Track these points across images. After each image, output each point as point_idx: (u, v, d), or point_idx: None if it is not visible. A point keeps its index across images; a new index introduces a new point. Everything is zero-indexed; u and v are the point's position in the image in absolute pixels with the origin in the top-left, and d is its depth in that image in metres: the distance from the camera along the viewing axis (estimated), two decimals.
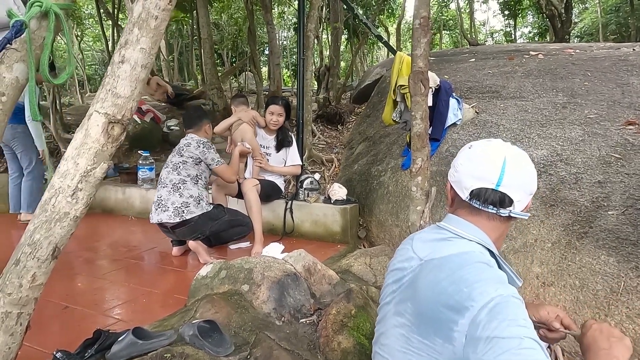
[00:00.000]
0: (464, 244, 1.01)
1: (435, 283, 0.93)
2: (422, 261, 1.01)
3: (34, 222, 1.08)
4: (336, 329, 1.82)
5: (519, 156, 1.06)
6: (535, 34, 16.36)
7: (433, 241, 1.06)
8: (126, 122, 1.13)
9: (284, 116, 3.41)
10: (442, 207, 2.93)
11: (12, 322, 1.08)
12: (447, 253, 0.99)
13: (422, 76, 2.07)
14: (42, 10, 1.16)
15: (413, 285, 1.00)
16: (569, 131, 2.96)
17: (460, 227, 1.05)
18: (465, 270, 0.92)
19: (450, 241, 1.03)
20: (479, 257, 0.97)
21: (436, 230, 1.09)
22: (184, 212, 2.77)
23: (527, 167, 1.07)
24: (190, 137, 2.96)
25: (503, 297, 0.85)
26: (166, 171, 2.90)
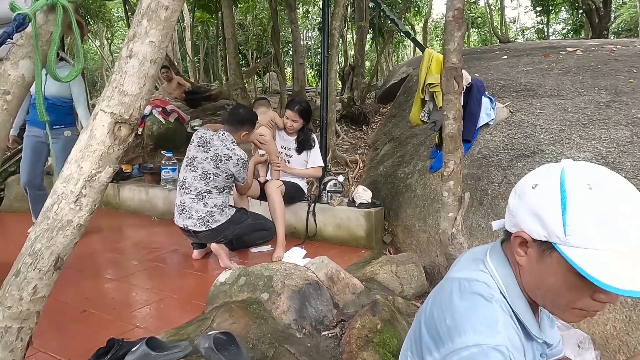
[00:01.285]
0: (476, 270, 0.85)
1: (434, 304, 0.85)
2: (447, 275, 0.92)
3: (35, 230, 1.01)
4: (361, 344, 1.70)
5: (551, 165, 0.79)
6: (569, 30, 15.73)
7: (470, 257, 0.93)
8: (134, 122, 1.04)
9: (298, 122, 3.27)
10: (474, 212, 2.76)
11: (12, 338, 1.01)
12: (458, 275, 0.86)
13: (455, 72, 1.92)
14: (49, 3, 1.09)
15: (429, 299, 0.93)
16: (614, 132, 2.73)
17: (491, 251, 0.88)
18: (457, 301, 0.80)
19: (473, 263, 0.88)
20: (479, 287, 0.80)
21: (484, 250, 0.92)
22: (209, 221, 2.69)
23: (531, 174, 0.80)
24: (228, 142, 2.74)
25: (481, 349, 0.71)
26: (192, 175, 2.72)
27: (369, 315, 1.82)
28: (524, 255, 0.79)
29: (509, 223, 0.82)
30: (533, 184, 0.77)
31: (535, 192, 0.76)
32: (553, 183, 0.74)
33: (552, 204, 0.73)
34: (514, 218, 0.80)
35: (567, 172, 0.75)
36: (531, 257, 0.78)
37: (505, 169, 2.85)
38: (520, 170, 2.78)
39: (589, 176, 0.73)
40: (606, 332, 1.94)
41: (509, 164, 2.86)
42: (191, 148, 2.80)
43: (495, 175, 2.85)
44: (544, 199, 0.74)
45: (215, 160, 2.70)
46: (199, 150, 2.75)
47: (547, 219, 0.73)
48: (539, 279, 0.78)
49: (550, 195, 0.73)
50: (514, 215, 0.79)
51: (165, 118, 5.93)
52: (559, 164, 0.78)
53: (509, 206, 0.82)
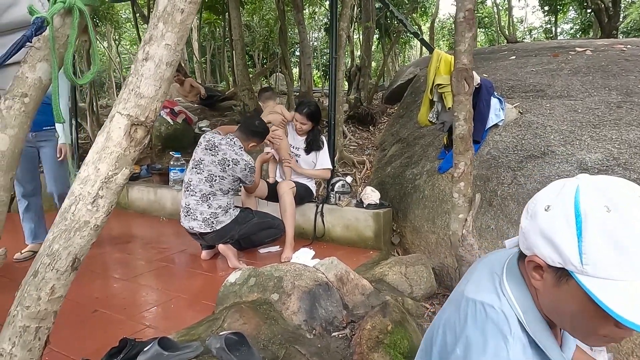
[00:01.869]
0: (493, 294, 0.79)
1: (446, 324, 0.83)
2: (464, 288, 0.85)
3: (53, 230, 1.02)
4: (371, 345, 1.70)
5: (566, 182, 0.73)
6: (577, 30, 15.60)
7: (488, 267, 0.87)
8: (150, 124, 1.05)
9: (307, 124, 3.28)
10: (483, 214, 2.75)
11: (31, 337, 1.02)
12: (474, 296, 0.80)
13: (466, 74, 1.92)
14: (65, 6, 1.10)
15: (446, 307, 0.89)
16: (625, 133, 2.71)
17: (508, 268, 0.82)
18: (470, 329, 0.76)
19: (490, 282, 0.82)
20: (497, 318, 0.75)
21: (506, 255, 0.87)
22: (213, 222, 2.71)
23: (544, 192, 0.74)
24: (236, 147, 2.78)
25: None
26: (198, 178, 2.74)
27: (379, 317, 1.82)
28: (539, 279, 0.74)
29: (523, 245, 0.76)
30: (545, 205, 0.71)
31: (548, 214, 0.70)
32: (567, 205, 0.68)
33: (566, 229, 0.66)
34: (526, 241, 0.74)
35: (583, 192, 0.68)
36: (547, 281, 0.72)
37: (514, 170, 2.84)
38: (530, 171, 2.76)
39: (607, 197, 0.66)
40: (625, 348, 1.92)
41: (519, 165, 2.84)
42: (198, 151, 2.82)
43: (504, 177, 2.84)
44: (558, 224, 0.68)
45: (222, 164, 2.72)
46: (206, 154, 2.76)
47: (562, 246, 0.67)
48: (557, 304, 0.73)
49: (564, 219, 0.67)
50: (527, 238, 0.74)
51: (173, 119, 5.97)
52: (574, 181, 0.71)
53: (521, 227, 0.76)
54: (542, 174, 2.70)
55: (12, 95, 1.12)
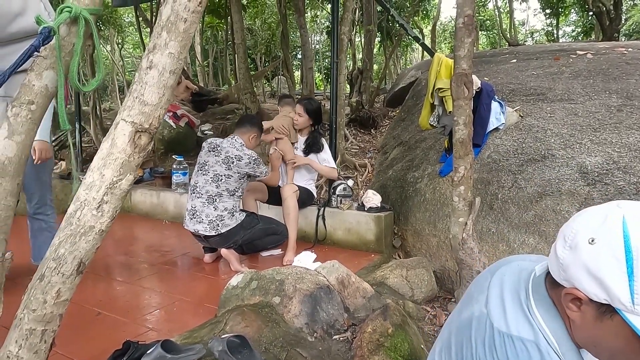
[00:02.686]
0: (527, 328, 0.74)
1: (470, 354, 0.78)
2: (485, 315, 0.79)
3: (59, 235, 1.04)
4: (372, 348, 1.71)
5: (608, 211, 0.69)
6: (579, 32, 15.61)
7: (508, 291, 0.80)
8: (153, 130, 1.07)
9: (303, 117, 3.27)
10: (484, 217, 2.76)
11: (37, 340, 1.04)
12: (503, 329, 0.75)
13: (465, 79, 1.94)
14: (71, 16, 1.13)
15: (458, 333, 0.84)
16: (626, 136, 2.72)
17: (535, 296, 0.76)
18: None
19: (518, 311, 0.76)
20: (538, 356, 0.71)
21: (523, 276, 0.81)
22: (219, 225, 2.71)
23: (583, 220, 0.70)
24: (237, 143, 2.80)
25: None
26: (204, 179, 2.76)
27: (380, 320, 1.84)
28: (577, 310, 0.69)
29: (559, 275, 0.71)
30: (589, 238, 0.66)
31: (594, 249, 0.65)
32: (616, 239, 0.64)
33: (615, 266, 0.63)
34: (565, 273, 0.69)
35: (632, 225, 0.64)
36: (586, 315, 0.68)
37: (515, 173, 2.85)
38: (530, 174, 2.77)
39: None
40: None
41: (519, 169, 2.85)
42: (202, 154, 2.86)
43: (505, 180, 2.85)
44: (605, 260, 0.64)
45: (226, 162, 2.74)
46: (210, 155, 2.80)
47: (610, 284, 0.63)
48: (596, 339, 0.69)
49: (612, 256, 0.63)
50: (566, 270, 0.69)
51: (176, 122, 6.00)
52: (618, 210, 0.67)
53: (558, 256, 0.71)
54: (542, 177, 2.71)
55: (19, 102, 1.15)
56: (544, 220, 2.50)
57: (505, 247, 2.61)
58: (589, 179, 2.54)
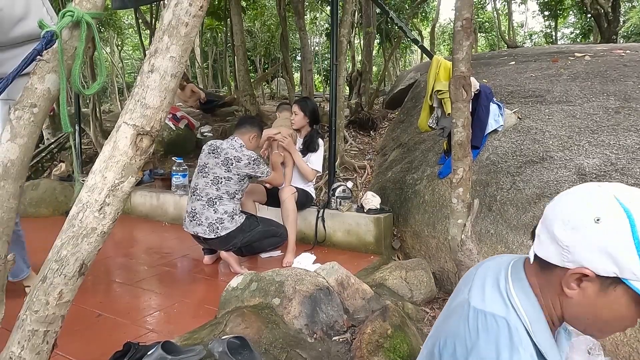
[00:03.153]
0: (502, 305, 0.80)
1: (453, 334, 0.82)
2: (467, 299, 0.86)
3: (62, 237, 1.05)
4: (371, 349, 1.72)
5: (579, 190, 0.77)
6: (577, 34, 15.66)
7: (490, 276, 0.88)
8: (155, 133, 1.08)
9: (298, 115, 3.30)
10: (482, 219, 2.77)
11: (39, 341, 1.05)
12: (484, 307, 0.81)
13: (464, 81, 1.95)
14: (73, 20, 1.14)
15: (447, 319, 0.89)
16: (623, 138, 2.74)
17: (513, 278, 0.83)
18: (485, 341, 0.77)
19: (496, 293, 0.83)
20: (507, 334, 0.76)
21: (504, 264, 0.88)
22: (218, 228, 2.71)
23: (568, 202, 0.76)
24: (237, 144, 2.81)
25: None
26: (204, 181, 2.76)
27: (379, 321, 1.85)
28: (576, 289, 0.75)
29: (561, 258, 0.75)
30: (594, 217, 0.71)
31: (601, 227, 0.70)
32: (620, 216, 0.69)
33: (625, 240, 0.68)
34: (570, 254, 0.73)
35: (626, 203, 0.70)
36: (587, 291, 0.73)
37: (513, 175, 2.86)
38: (528, 176, 2.79)
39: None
40: (616, 338, 1.94)
41: (518, 170, 2.87)
42: (202, 157, 2.86)
43: (504, 182, 2.87)
44: (615, 236, 0.69)
45: (225, 164, 2.74)
46: (210, 157, 2.80)
47: (621, 257, 0.68)
48: (593, 311, 0.75)
49: (620, 231, 0.68)
50: (571, 252, 0.73)
51: (176, 124, 6.02)
52: (606, 190, 0.73)
53: (559, 240, 0.74)
54: (540, 179, 2.73)
55: (21, 105, 1.16)
56: None
57: (503, 248, 2.62)
58: (587, 180, 2.56)
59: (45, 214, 4.47)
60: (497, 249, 2.64)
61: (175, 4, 1.06)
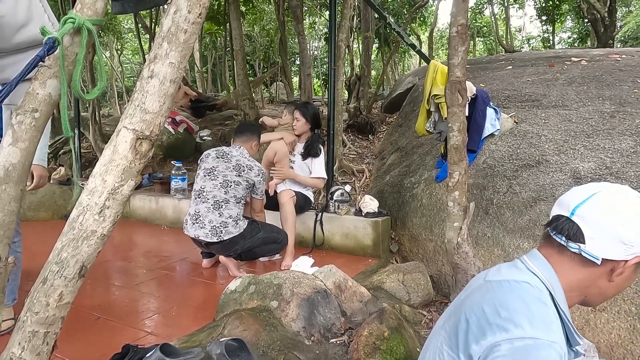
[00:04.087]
0: (524, 274, 0.91)
1: (480, 301, 0.87)
2: (485, 280, 0.95)
3: (62, 240, 1.07)
4: (368, 351, 1.74)
5: (618, 195, 0.90)
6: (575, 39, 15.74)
7: (504, 267, 0.98)
8: (154, 138, 1.10)
9: (300, 121, 3.34)
10: (479, 222, 2.80)
11: (39, 342, 1.06)
12: (504, 277, 0.91)
13: (459, 86, 1.98)
14: (75, 26, 1.16)
15: (465, 301, 0.95)
16: (618, 142, 2.77)
17: (531, 259, 0.94)
18: (512, 297, 0.83)
19: (515, 269, 0.94)
20: (533, 291, 0.86)
21: (516, 260, 0.99)
22: (222, 232, 2.68)
23: (621, 208, 0.88)
24: (246, 155, 2.87)
25: (536, 342, 0.74)
26: (212, 184, 2.74)
27: (376, 323, 1.86)
28: (621, 273, 0.88)
29: (625, 253, 0.87)
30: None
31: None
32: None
33: None
34: (633, 248, 0.86)
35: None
36: (625, 272, 0.88)
37: (510, 178, 2.89)
38: (525, 180, 2.81)
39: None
40: (611, 340, 1.96)
41: (514, 174, 2.89)
42: (209, 160, 2.84)
43: (500, 185, 2.89)
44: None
45: (237, 169, 2.76)
46: (218, 161, 2.79)
47: None
48: (622, 286, 0.91)
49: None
50: (634, 245, 0.86)
51: (175, 128, 6.04)
52: (623, 188, 0.91)
53: (624, 239, 0.86)
54: (536, 182, 2.75)
55: (23, 110, 1.18)
56: (539, 225, 2.53)
57: (500, 251, 2.64)
58: (582, 184, 2.58)
59: (44, 217, 4.48)
60: (494, 252, 2.66)
61: (175, 11, 1.09)
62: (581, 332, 2.01)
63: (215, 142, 6.12)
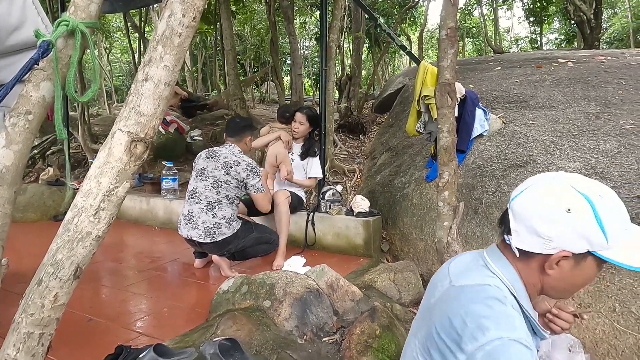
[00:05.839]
0: (484, 276, 0.92)
1: (447, 313, 0.90)
2: (450, 285, 0.96)
3: (57, 241, 1.08)
4: (360, 349, 1.76)
5: (543, 189, 0.88)
6: (562, 40, 15.98)
7: (467, 264, 1.00)
8: (149, 140, 1.11)
9: (304, 125, 3.40)
10: (469, 221, 2.84)
11: (34, 343, 1.07)
12: (465, 283, 0.93)
13: (449, 88, 2.01)
14: (68, 29, 1.17)
15: (434, 308, 0.97)
16: (603, 143, 2.83)
17: (492, 258, 0.96)
18: (474, 306, 0.86)
19: (477, 270, 0.95)
20: (493, 292, 0.88)
21: (477, 254, 1.01)
22: (215, 233, 2.68)
23: (542, 201, 0.86)
24: (235, 151, 2.83)
25: (503, 341, 0.78)
26: (203, 184, 2.74)
27: (368, 322, 1.89)
28: (555, 268, 0.88)
29: (544, 247, 0.86)
30: (565, 209, 0.83)
31: (573, 215, 0.83)
32: (583, 203, 0.83)
33: (591, 222, 0.82)
34: (552, 242, 0.85)
35: (582, 189, 0.84)
36: (564, 267, 0.88)
37: (498, 178, 2.94)
38: (513, 180, 2.86)
39: (592, 187, 0.85)
40: (595, 336, 2.01)
41: (503, 174, 2.94)
42: (200, 161, 2.85)
43: (489, 185, 2.94)
44: (584, 219, 0.82)
45: (225, 167, 2.75)
46: (208, 161, 2.80)
47: (592, 235, 0.83)
48: (569, 280, 0.89)
49: (587, 215, 0.82)
50: (553, 240, 0.85)
51: (165, 128, 6.01)
52: (562, 181, 0.87)
53: (541, 233, 0.85)
54: None
55: (16, 112, 1.18)
56: None
57: None
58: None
59: (32, 218, 4.44)
60: (471, 251, 2.70)
61: (169, 15, 1.10)
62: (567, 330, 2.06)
63: (206, 142, 6.11)
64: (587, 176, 2.61)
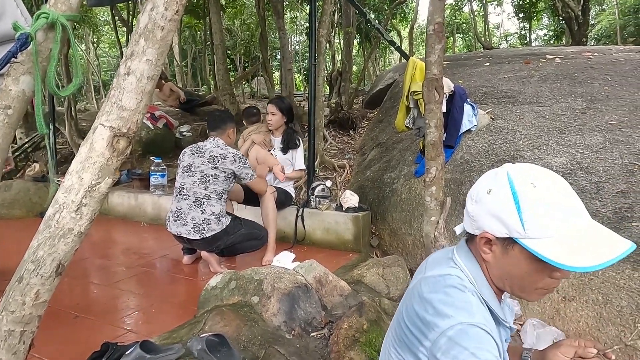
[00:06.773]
0: (447, 267, 0.94)
1: (411, 303, 0.93)
2: (421, 277, 0.99)
3: (38, 238, 1.06)
4: (348, 344, 1.77)
5: (489, 173, 0.92)
6: (551, 36, 16.11)
7: (439, 258, 1.02)
8: (132, 135, 1.10)
9: (276, 115, 3.41)
10: (456, 216, 2.86)
11: (15, 341, 1.05)
12: (431, 274, 0.95)
13: (436, 83, 2.02)
14: (48, 22, 1.15)
15: (404, 299, 1.00)
16: (589, 138, 2.87)
17: (457, 250, 0.98)
18: (435, 294, 0.88)
19: (444, 262, 0.97)
20: (452, 280, 0.90)
21: (450, 249, 1.03)
22: (204, 229, 2.67)
23: (480, 182, 0.91)
24: (220, 144, 2.81)
25: (463, 326, 0.80)
26: (191, 180, 2.72)
27: (355, 316, 1.90)
28: (489, 252, 0.89)
29: (471, 227, 0.92)
30: (487, 190, 0.87)
31: (491, 197, 0.86)
32: (504, 186, 0.85)
33: (508, 205, 0.83)
34: (475, 222, 0.90)
35: (513, 175, 0.86)
36: (496, 253, 0.88)
37: None
38: None
39: (530, 176, 0.85)
40: (579, 328, 2.05)
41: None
42: (185, 157, 2.83)
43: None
44: (501, 202, 0.84)
45: (212, 161, 2.72)
46: (194, 157, 2.78)
47: (507, 219, 0.83)
48: (506, 270, 0.88)
49: (504, 198, 0.84)
50: (476, 220, 0.89)
51: (154, 124, 5.95)
52: (503, 169, 0.89)
53: (468, 212, 0.92)
54: None
55: None
56: None
57: None
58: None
59: (18, 215, 4.37)
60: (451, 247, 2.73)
61: (151, 8, 1.08)
62: (552, 321, 2.09)
63: (195, 137, 6.06)
64: (572, 171, 2.65)
